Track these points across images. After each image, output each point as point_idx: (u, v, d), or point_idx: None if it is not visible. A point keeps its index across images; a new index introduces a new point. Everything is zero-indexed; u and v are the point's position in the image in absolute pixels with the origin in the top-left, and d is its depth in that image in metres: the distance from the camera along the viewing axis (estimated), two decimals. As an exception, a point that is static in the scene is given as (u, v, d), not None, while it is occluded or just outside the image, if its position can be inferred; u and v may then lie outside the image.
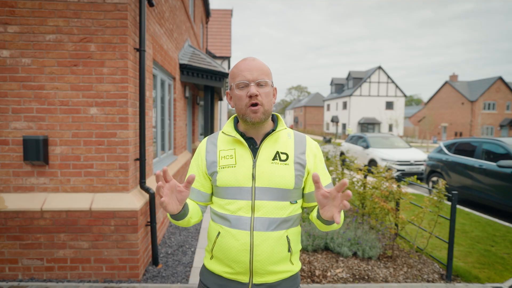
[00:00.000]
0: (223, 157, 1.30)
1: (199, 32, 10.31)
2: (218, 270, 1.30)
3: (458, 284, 3.33)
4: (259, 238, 1.23)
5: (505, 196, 5.91)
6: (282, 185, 1.25)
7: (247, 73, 1.23)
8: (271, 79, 1.30)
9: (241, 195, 1.25)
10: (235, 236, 1.24)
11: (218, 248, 1.28)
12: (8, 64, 3.02)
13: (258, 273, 1.24)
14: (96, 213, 3.12)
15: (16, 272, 3.15)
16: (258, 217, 1.24)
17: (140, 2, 3.27)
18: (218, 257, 1.29)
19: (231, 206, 1.26)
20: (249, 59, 1.28)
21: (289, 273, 1.30)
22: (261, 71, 1.25)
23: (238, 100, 1.26)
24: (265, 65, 1.29)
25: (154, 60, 4.14)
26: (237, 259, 1.24)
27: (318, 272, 3.48)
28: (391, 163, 9.91)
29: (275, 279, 1.27)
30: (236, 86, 1.26)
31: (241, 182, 1.25)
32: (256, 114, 1.24)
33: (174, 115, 5.70)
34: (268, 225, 1.24)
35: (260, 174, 1.25)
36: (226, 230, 1.26)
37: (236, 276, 1.27)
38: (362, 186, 4.86)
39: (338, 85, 46.77)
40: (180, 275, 3.39)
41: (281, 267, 1.27)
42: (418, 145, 29.89)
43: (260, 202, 1.24)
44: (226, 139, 1.35)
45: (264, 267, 1.24)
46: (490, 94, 36.72)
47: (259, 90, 1.24)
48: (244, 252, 1.23)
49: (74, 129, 3.13)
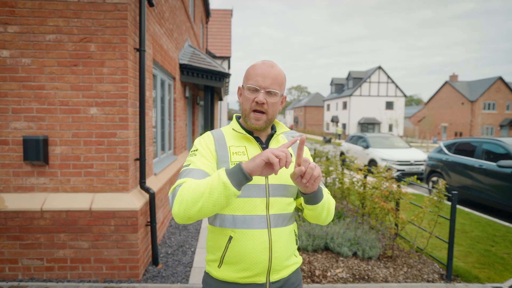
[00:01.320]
0: (235, 153, 1.27)
1: (199, 32, 10.31)
2: (232, 277, 1.24)
3: (458, 284, 3.33)
4: (276, 234, 1.24)
5: (505, 196, 5.91)
6: (290, 181, 1.28)
7: (260, 79, 1.24)
8: (283, 90, 1.31)
9: (257, 192, 1.24)
10: (252, 236, 1.21)
11: (232, 253, 1.23)
12: (8, 64, 3.03)
13: (275, 270, 1.25)
14: (96, 213, 3.12)
15: (16, 272, 3.15)
16: (272, 214, 1.25)
17: (140, 2, 3.28)
18: (231, 262, 1.24)
19: (246, 205, 1.23)
20: (268, 64, 1.28)
21: (296, 265, 1.36)
22: (274, 81, 1.25)
23: (245, 101, 1.28)
24: (282, 73, 1.29)
25: (154, 60, 4.14)
26: (256, 259, 1.21)
27: (318, 272, 3.48)
28: (391, 163, 9.91)
29: (287, 273, 1.30)
30: (247, 88, 1.27)
31: (256, 179, 1.24)
32: (258, 122, 1.27)
33: (174, 115, 5.70)
34: (282, 221, 1.27)
35: None
36: (241, 232, 1.22)
37: (253, 279, 1.23)
38: (362, 186, 4.86)
39: (338, 85, 46.75)
40: (180, 275, 3.39)
41: (291, 260, 1.33)
42: (418, 145, 29.89)
43: (274, 199, 1.26)
44: (234, 135, 1.34)
45: (281, 262, 1.26)
46: (490, 94, 36.71)
47: (267, 98, 1.25)
48: (263, 251, 1.21)
49: (74, 129, 3.13)
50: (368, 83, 39.44)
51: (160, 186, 4.12)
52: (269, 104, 1.25)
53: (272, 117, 1.30)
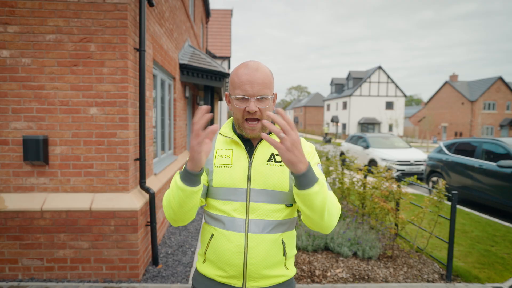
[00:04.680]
0: (220, 156, 1.27)
1: (199, 32, 10.31)
2: (211, 274, 1.27)
3: (458, 284, 3.33)
4: (253, 240, 1.20)
5: (505, 196, 5.91)
6: (277, 187, 1.22)
7: (248, 87, 1.17)
8: (272, 90, 1.24)
9: (236, 196, 1.23)
10: (229, 238, 1.22)
11: (212, 250, 1.26)
12: (8, 64, 3.02)
13: (251, 277, 1.22)
14: (96, 213, 3.12)
15: (16, 272, 3.15)
16: (252, 219, 1.21)
17: (140, 2, 3.27)
18: (211, 259, 1.26)
19: (226, 207, 1.23)
20: (251, 67, 1.19)
21: (283, 277, 1.27)
22: (263, 85, 1.18)
23: (236, 111, 1.22)
24: (268, 73, 1.22)
25: (154, 60, 4.14)
26: (230, 261, 1.22)
27: (318, 272, 3.48)
28: (391, 163, 9.90)
29: (269, 283, 1.24)
30: (235, 98, 1.20)
31: (236, 183, 1.23)
32: (254, 131, 1.22)
33: (174, 115, 5.70)
34: (263, 227, 1.21)
35: (255, 176, 1.23)
36: (220, 232, 1.24)
37: (229, 280, 1.24)
38: (362, 186, 4.86)
39: (338, 85, 46.73)
40: (180, 275, 3.39)
41: (276, 271, 1.25)
42: (418, 145, 29.89)
43: (254, 204, 1.22)
44: (224, 140, 1.32)
45: (258, 270, 1.21)
46: (490, 94, 36.70)
47: (259, 105, 1.18)
48: (238, 254, 1.21)
49: (74, 129, 3.13)
50: (368, 83, 39.44)
51: (160, 186, 4.12)
52: (262, 111, 1.19)
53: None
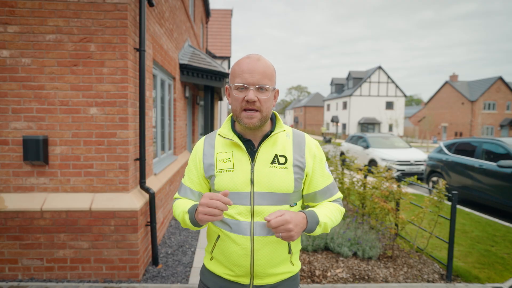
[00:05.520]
0: (221, 160, 1.25)
1: (199, 32, 10.31)
2: (219, 272, 1.29)
3: (458, 284, 3.33)
4: (259, 242, 1.21)
5: (505, 196, 5.91)
6: (282, 190, 1.21)
7: (247, 75, 1.14)
8: (273, 83, 1.21)
9: (239, 200, 1.21)
10: (235, 240, 1.22)
11: (218, 251, 1.28)
12: (8, 64, 3.02)
13: (258, 276, 1.24)
14: (96, 213, 3.12)
15: (16, 272, 3.15)
16: (258, 222, 1.21)
17: (140, 2, 3.27)
18: (219, 259, 1.28)
19: (230, 210, 1.22)
20: (253, 58, 1.18)
21: (289, 273, 1.30)
22: (263, 75, 1.15)
23: (235, 101, 1.19)
24: (270, 66, 1.20)
25: (154, 60, 4.14)
26: (237, 263, 1.23)
27: (318, 272, 3.48)
28: (391, 163, 9.90)
29: (275, 280, 1.27)
30: (235, 87, 1.18)
31: (239, 187, 1.21)
32: (251, 120, 1.17)
33: (174, 115, 5.69)
34: (268, 230, 1.20)
35: (258, 179, 1.21)
36: (226, 234, 1.24)
37: (237, 278, 1.26)
38: (362, 186, 4.86)
39: (338, 85, 46.74)
40: (180, 275, 3.39)
41: (282, 268, 1.27)
42: (418, 145, 29.88)
43: (259, 207, 1.20)
44: (223, 142, 1.29)
45: (265, 270, 1.23)
46: (490, 94, 36.70)
47: (258, 95, 1.15)
48: (244, 256, 1.22)
49: (74, 129, 3.13)
50: (368, 83, 39.44)
51: (160, 186, 4.12)
52: (262, 101, 1.16)
53: (267, 115, 1.20)
